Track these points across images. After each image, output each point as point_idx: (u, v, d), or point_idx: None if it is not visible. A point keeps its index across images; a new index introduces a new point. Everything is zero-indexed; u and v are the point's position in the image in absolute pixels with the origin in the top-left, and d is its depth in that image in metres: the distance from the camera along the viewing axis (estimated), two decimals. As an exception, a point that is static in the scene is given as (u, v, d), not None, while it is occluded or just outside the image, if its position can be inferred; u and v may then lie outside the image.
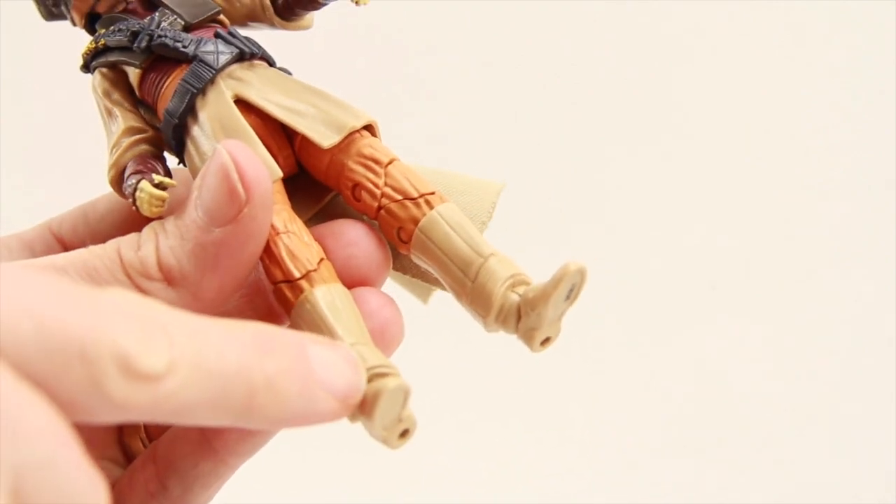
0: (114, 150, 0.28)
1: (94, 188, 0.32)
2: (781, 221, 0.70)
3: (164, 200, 0.25)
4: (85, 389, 0.17)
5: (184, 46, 0.27)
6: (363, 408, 0.22)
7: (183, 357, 0.19)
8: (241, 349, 0.20)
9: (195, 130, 0.27)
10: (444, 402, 0.62)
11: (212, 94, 0.27)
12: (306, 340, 0.22)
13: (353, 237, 0.26)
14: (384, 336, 0.25)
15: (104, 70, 0.29)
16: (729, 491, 0.65)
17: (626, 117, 0.71)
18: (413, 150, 0.33)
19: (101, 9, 0.29)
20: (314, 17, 0.31)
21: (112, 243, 0.25)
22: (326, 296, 0.24)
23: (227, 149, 0.24)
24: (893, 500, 0.64)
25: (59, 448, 0.17)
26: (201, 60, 0.27)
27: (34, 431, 0.16)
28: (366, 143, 0.27)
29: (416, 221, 0.25)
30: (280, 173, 0.26)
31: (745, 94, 0.71)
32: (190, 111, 0.27)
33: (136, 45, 0.28)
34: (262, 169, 0.24)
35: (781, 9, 0.71)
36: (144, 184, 0.25)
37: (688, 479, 0.66)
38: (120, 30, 0.28)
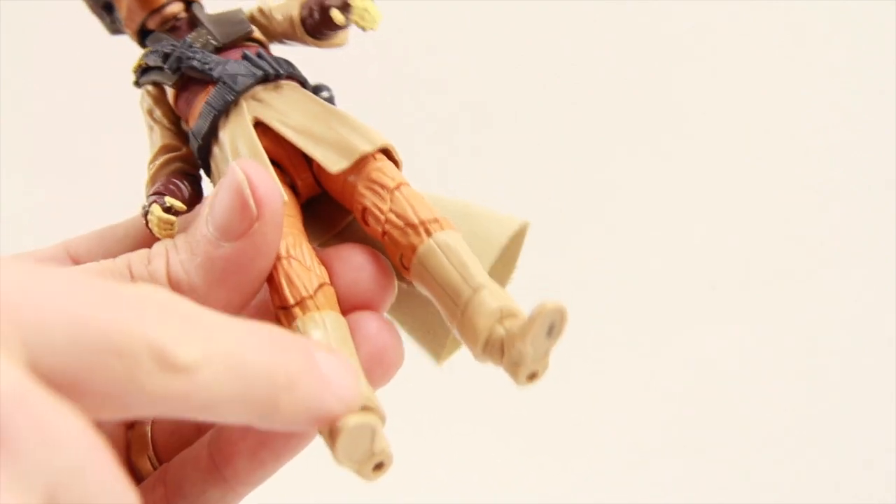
0: (150, 168, 0.28)
1: (94, 189, 0.32)
2: (781, 221, 0.70)
3: (172, 224, 0.26)
4: (120, 383, 0.17)
5: (210, 69, 0.28)
6: (329, 439, 0.22)
7: (216, 350, 0.19)
8: (266, 347, 0.20)
9: (216, 151, 0.28)
10: (444, 401, 0.62)
11: (233, 116, 0.28)
12: (311, 344, 0.22)
13: (358, 262, 0.26)
14: (382, 361, 0.25)
15: (150, 87, 0.30)
16: (729, 491, 0.65)
17: (627, 117, 0.71)
18: (412, 151, 0.33)
19: (151, 26, 0.30)
20: (348, 34, 0.31)
21: (123, 258, 0.25)
22: (318, 321, 0.24)
23: (240, 166, 0.24)
24: (893, 500, 0.64)
25: (92, 454, 0.17)
26: (224, 82, 0.28)
27: (66, 439, 0.16)
28: (376, 168, 0.27)
29: (414, 249, 0.25)
30: (285, 197, 0.26)
31: (745, 95, 0.71)
32: (212, 132, 0.28)
33: (166, 66, 0.29)
34: (275, 187, 0.24)
35: (781, 9, 0.71)
36: (154, 207, 0.26)
37: (688, 479, 0.66)
38: (156, 51, 0.29)
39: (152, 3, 0.30)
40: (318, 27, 0.30)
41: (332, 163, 0.26)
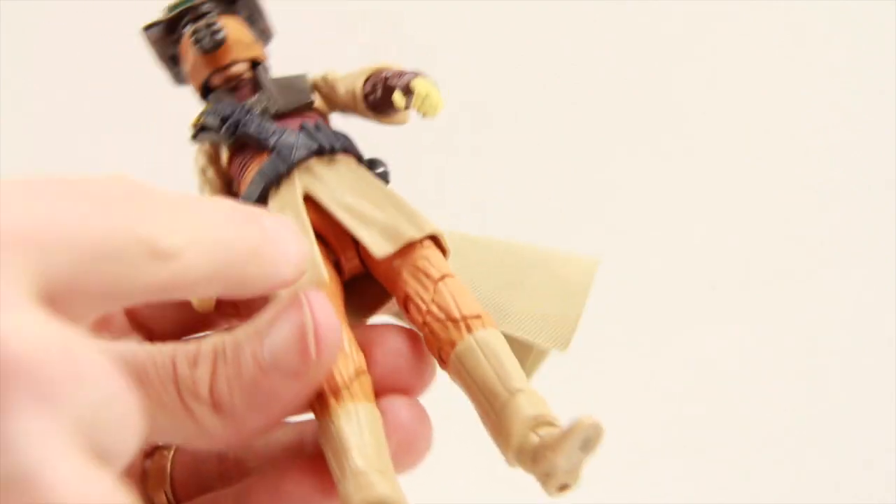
0: None
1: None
2: (781, 221, 0.70)
3: (210, 304, 0.26)
4: (118, 281, 0.18)
5: (266, 137, 0.28)
6: None
7: (195, 234, 0.20)
8: (231, 223, 0.21)
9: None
10: (444, 401, 0.62)
11: (284, 186, 0.27)
12: (260, 213, 0.23)
13: (397, 347, 0.26)
14: (410, 450, 0.26)
15: (206, 146, 0.30)
16: (729, 491, 0.65)
17: (627, 117, 0.71)
18: (412, 153, 0.33)
19: (214, 83, 0.30)
20: (409, 114, 0.31)
21: (169, 350, 0.24)
22: (351, 414, 0.24)
23: (308, 301, 0.23)
24: (893, 500, 0.64)
25: (119, 384, 0.18)
26: (279, 152, 0.28)
27: (96, 374, 0.17)
28: (422, 255, 0.26)
29: (453, 345, 0.25)
30: (326, 279, 0.26)
31: (745, 95, 0.71)
32: (262, 200, 0.28)
33: (223, 128, 0.28)
34: (337, 326, 0.24)
35: (781, 9, 0.71)
36: None
37: (688, 479, 0.66)
38: (216, 111, 0.29)
39: (217, 62, 0.30)
40: (379, 105, 0.29)
41: (378, 247, 0.26)
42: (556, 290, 0.29)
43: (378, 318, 0.29)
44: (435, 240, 0.27)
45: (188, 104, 0.32)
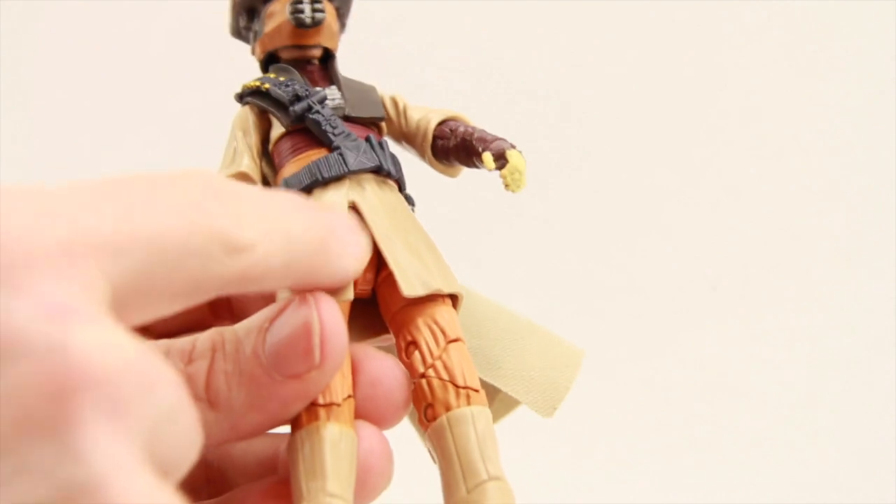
0: None
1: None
2: (782, 222, 0.70)
3: None
4: (196, 277, 0.19)
5: (333, 134, 0.27)
6: None
7: (267, 227, 0.20)
8: (301, 216, 0.22)
9: None
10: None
11: (332, 189, 0.27)
12: (324, 208, 0.23)
13: (381, 376, 0.26)
14: (372, 485, 0.25)
15: (254, 109, 0.29)
16: (729, 491, 0.65)
17: (627, 119, 0.71)
18: (408, 156, 0.33)
19: (284, 55, 0.30)
20: (463, 170, 0.31)
21: (161, 346, 0.24)
22: (336, 436, 0.24)
23: (316, 302, 0.23)
24: (893, 501, 0.64)
25: (183, 395, 0.18)
26: (341, 154, 0.27)
27: (162, 385, 0.17)
28: (441, 311, 0.26)
29: (448, 408, 0.25)
30: (351, 296, 0.25)
31: (745, 96, 0.71)
32: (307, 192, 0.27)
33: (292, 107, 0.28)
34: (344, 334, 0.23)
35: (780, 9, 0.71)
36: None
37: (688, 479, 0.66)
38: (287, 85, 0.28)
39: (304, 39, 0.29)
40: (448, 153, 0.29)
41: (409, 286, 0.26)
42: (547, 361, 0.30)
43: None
44: (454, 299, 0.27)
45: (188, 104, 0.32)
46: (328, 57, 0.30)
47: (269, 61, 0.30)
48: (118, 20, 0.69)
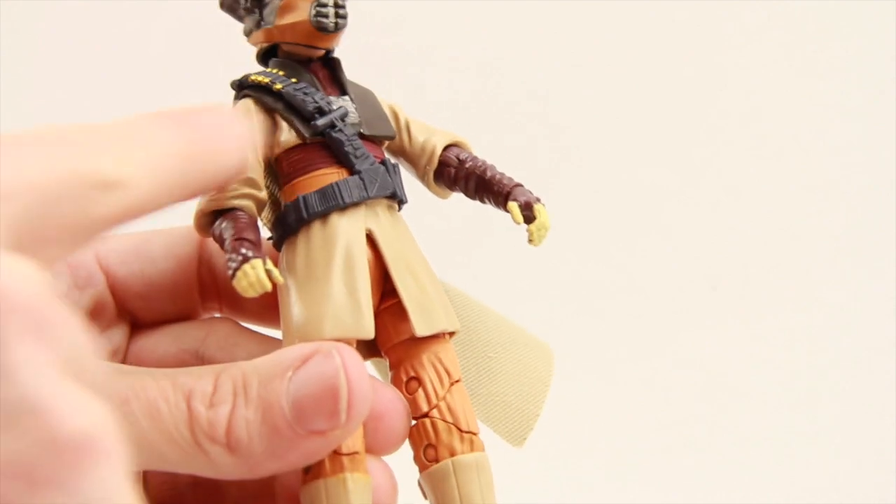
0: (228, 193, 0.26)
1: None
2: (782, 222, 0.70)
3: (266, 288, 0.24)
4: (77, 219, 0.19)
5: (355, 156, 0.27)
6: None
7: (137, 158, 0.20)
8: (168, 131, 0.21)
9: (316, 232, 0.26)
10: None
11: (349, 213, 0.26)
12: (191, 110, 0.22)
13: (392, 425, 0.26)
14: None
15: (259, 105, 0.28)
16: (729, 491, 0.65)
17: (627, 118, 0.71)
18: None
19: (288, 49, 0.28)
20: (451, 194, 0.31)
21: (183, 387, 0.23)
22: (361, 488, 0.24)
23: (343, 361, 0.23)
24: (893, 501, 0.64)
25: (86, 336, 0.18)
26: (362, 180, 0.26)
27: (70, 323, 0.17)
28: (446, 349, 0.26)
29: (453, 452, 0.25)
30: (370, 335, 0.25)
31: (745, 95, 0.71)
32: (322, 216, 0.26)
33: (314, 122, 0.27)
34: (370, 391, 0.23)
35: (780, 9, 0.71)
36: (258, 264, 0.24)
37: (688, 479, 0.66)
38: (306, 93, 0.27)
39: (320, 41, 0.28)
40: (459, 182, 0.29)
41: (420, 325, 0.26)
42: (521, 380, 0.30)
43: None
44: (452, 335, 0.27)
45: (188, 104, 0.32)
46: (329, 55, 0.29)
47: (268, 52, 0.29)
48: (118, 20, 0.69)
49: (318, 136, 0.27)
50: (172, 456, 0.22)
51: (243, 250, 0.24)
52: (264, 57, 0.29)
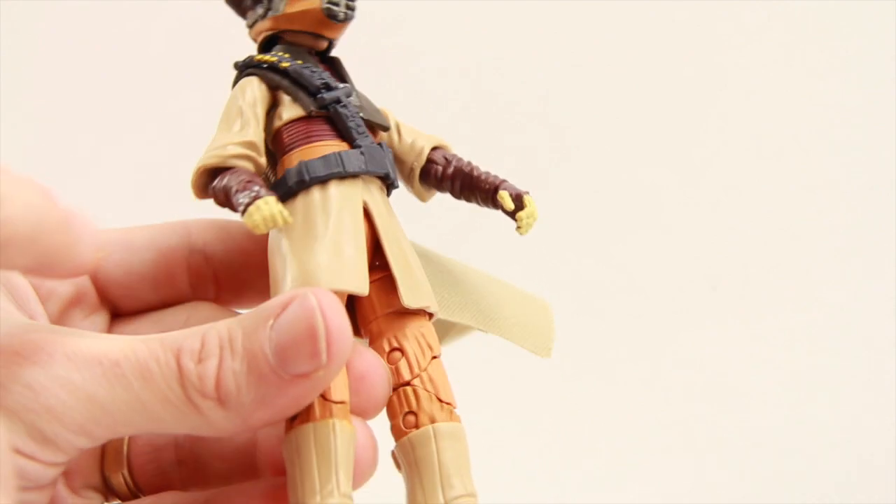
0: (226, 147, 0.26)
1: (95, 188, 0.32)
2: (782, 222, 0.70)
3: (278, 224, 0.24)
4: None
5: (358, 133, 0.27)
6: None
7: (14, 206, 0.20)
8: (41, 196, 0.21)
9: (315, 196, 0.27)
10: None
11: (348, 183, 0.27)
12: (53, 190, 0.22)
13: (364, 370, 0.26)
14: (355, 475, 0.25)
15: (263, 82, 0.28)
16: (729, 491, 0.65)
17: (627, 118, 0.71)
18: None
19: (294, 39, 0.29)
20: (434, 195, 0.32)
21: (172, 344, 0.24)
22: (348, 434, 0.25)
23: (319, 302, 0.23)
24: (894, 501, 0.64)
25: None
26: (363, 153, 0.27)
27: None
28: (428, 326, 0.27)
29: (433, 420, 0.26)
30: (365, 291, 0.26)
31: (745, 95, 0.71)
32: (322, 181, 0.27)
33: (321, 94, 0.27)
34: (348, 330, 0.24)
35: (780, 9, 0.71)
36: (272, 200, 0.24)
37: (688, 479, 0.66)
38: (313, 72, 0.28)
39: (327, 30, 0.28)
40: (445, 180, 0.30)
41: (407, 295, 0.26)
42: (530, 310, 0.31)
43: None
44: (430, 316, 0.28)
45: (188, 104, 0.32)
46: (329, 50, 0.30)
47: (268, 44, 0.29)
48: (118, 20, 0.69)
49: (323, 109, 0.28)
50: (166, 415, 0.23)
51: (256, 188, 0.25)
52: (264, 49, 0.30)
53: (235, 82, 0.29)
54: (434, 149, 0.31)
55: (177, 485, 0.30)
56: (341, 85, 0.28)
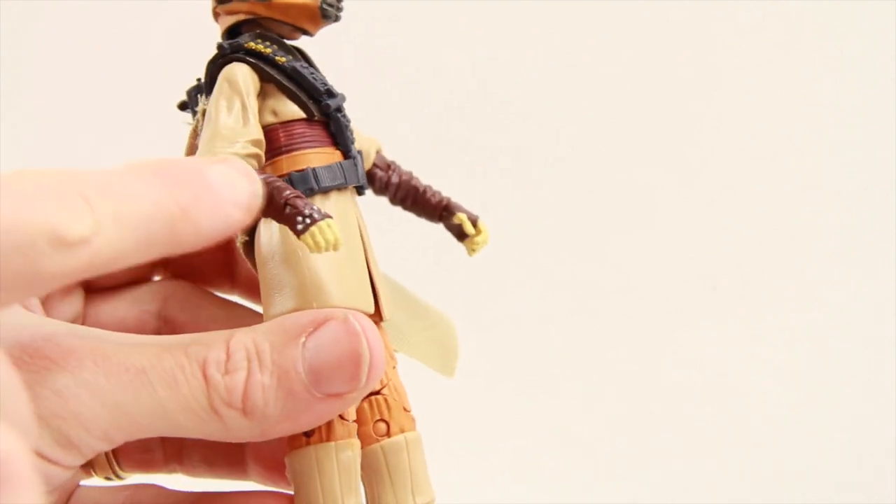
0: (235, 145, 0.26)
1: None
2: (782, 222, 0.70)
3: (336, 249, 0.24)
4: (24, 273, 0.18)
5: (351, 142, 0.28)
6: None
7: (104, 214, 0.20)
8: (152, 188, 0.21)
9: (318, 205, 0.26)
10: (443, 399, 0.62)
11: (344, 194, 0.28)
12: (200, 163, 0.22)
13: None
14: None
15: (256, 71, 0.28)
16: (729, 491, 0.65)
17: (624, 118, 0.71)
18: (407, 157, 0.33)
19: (269, 26, 0.28)
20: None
21: (197, 356, 0.24)
22: (359, 452, 0.26)
23: (363, 327, 0.24)
24: (894, 501, 0.64)
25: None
26: (355, 165, 0.28)
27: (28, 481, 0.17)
28: (386, 334, 0.28)
29: (403, 429, 0.27)
30: (371, 309, 0.27)
31: (742, 95, 0.71)
32: (326, 191, 0.27)
33: (325, 101, 0.28)
34: (384, 356, 0.24)
35: (776, 8, 0.71)
36: (333, 223, 0.24)
37: (688, 479, 0.66)
38: (313, 74, 0.28)
39: (315, 26, 0.28)
40: (389, 188, 0.31)
41: (387, 307, 0.27)
42: (437, 330, 0.32)
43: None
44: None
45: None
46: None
47: (235, 29, 0.29)
48: (118, 20, 0.69)
49: (326, 116, 0.28)
50: (187, 422, 0.23)
51: (315, 207, 0.25)
52: (230, 34, 0.29)
53: (215, 62, 0.28)
54: (378, 153, 0.31)
55: (159, 462, 0.30)
56: (335, 92, 0.28)
